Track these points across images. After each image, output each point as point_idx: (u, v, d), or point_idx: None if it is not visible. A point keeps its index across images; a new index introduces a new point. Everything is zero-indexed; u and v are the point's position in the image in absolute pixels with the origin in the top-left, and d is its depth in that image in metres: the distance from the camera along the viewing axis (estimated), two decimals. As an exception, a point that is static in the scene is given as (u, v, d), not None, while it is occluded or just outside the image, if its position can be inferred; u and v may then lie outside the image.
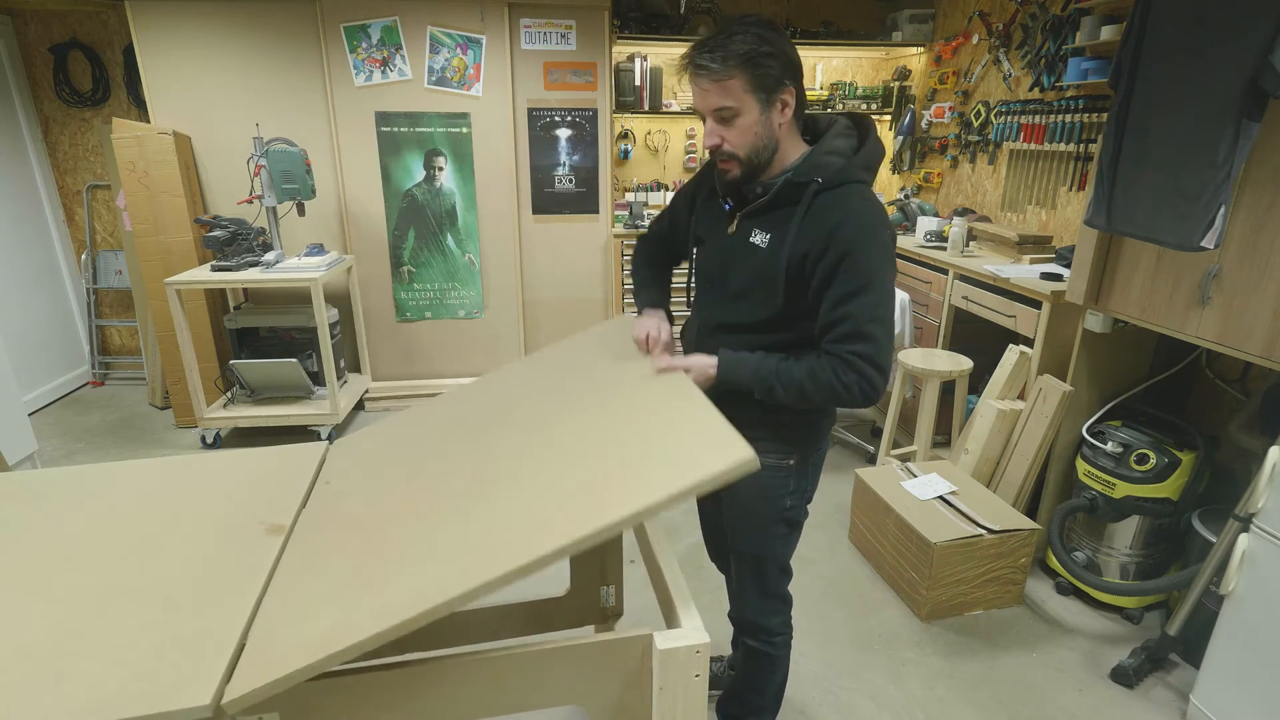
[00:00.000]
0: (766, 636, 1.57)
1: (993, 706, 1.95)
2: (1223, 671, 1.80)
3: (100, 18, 3.87)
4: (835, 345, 1.24)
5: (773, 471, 1.42)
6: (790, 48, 1.21)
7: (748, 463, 0.99)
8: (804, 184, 1.24)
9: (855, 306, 1.20)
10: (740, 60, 1.16)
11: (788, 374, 1.26)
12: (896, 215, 3.88)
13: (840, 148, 1.28)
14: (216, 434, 3.45)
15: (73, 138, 4.06)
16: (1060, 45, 3.12)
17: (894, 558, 2.42)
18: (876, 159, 1.30)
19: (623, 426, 1.22)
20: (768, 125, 1.23)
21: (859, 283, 1.20)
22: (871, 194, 1.27)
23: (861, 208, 1.23)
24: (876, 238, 1.22)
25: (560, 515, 1.02)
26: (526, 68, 3.74)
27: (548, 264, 4.09)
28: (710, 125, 1.24)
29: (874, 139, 1.31)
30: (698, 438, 1.10)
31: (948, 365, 2.76)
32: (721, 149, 1.25)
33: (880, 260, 1.22)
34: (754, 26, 1.18)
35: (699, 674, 1.05)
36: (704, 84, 1.20)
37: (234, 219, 3.39)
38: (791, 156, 1.29)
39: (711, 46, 1.17)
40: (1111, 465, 2.25)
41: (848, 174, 1.25)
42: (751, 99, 1.19)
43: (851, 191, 1.24)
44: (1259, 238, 1.80)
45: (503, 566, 0.94)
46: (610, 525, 0.97)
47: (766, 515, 1.47)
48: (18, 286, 3.84)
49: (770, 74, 1.18)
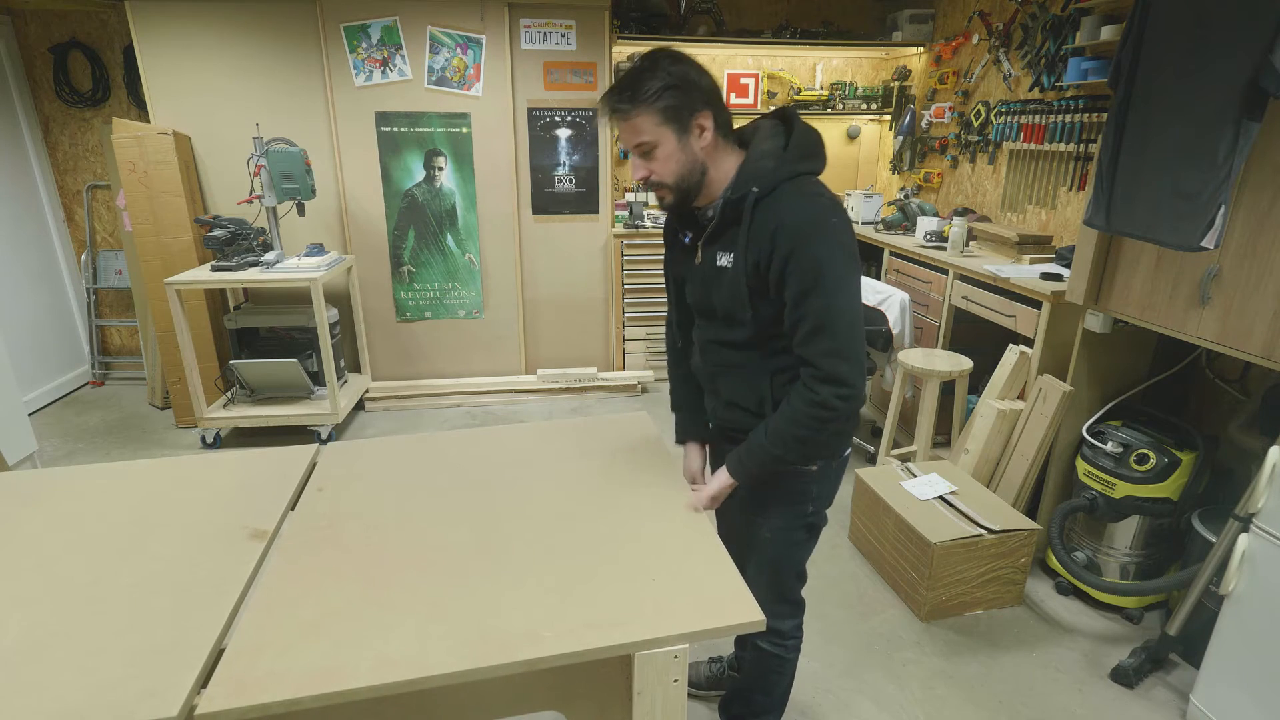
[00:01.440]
0: (779, 639, 1.58)
1: (993, 706, 1.95)
2: (1223, 671, 1.80)
3: (100, 18, 3.87)
4: (801, 348, 1.26)
5: (796, 478, 1.43)
6: (697, 73, 1.24)
7: (757, 625, 1.05)
8: (742, 197, 1.27)
9: (810, 304, 1.22)
10: (646, 98, 1.21)
11: (777, 434, 1.31)
12: (896, 215, 3.87)
13: (768, 150, 1.29)
14: (216, 434, 3.45)
15: (73, 138, 4.06)
16: (1060, 45, 3.12)
17: (894, 558, 2.42)
18: (811, 146, 1.30)
19: (638, 547, 1.23)
20: (688, 151, 1.26)
21: (810, 279, 1.21)
22: (812, 185, 1.27)
23: (798, 204, 1.23)
24: (819, 228, 1.21)
25: (573, 621, 1.03)
26: (526, 68, 3.74)
27: (548, 264, 4.09)
28: (635, 160, 1.29)
29: (801, 128, 1.31)
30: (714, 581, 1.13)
31: (948, 365, 2.76)
32: (650, 180, 1.29)
33: (827, 250, 1.21)
34: (659, 61, 1.22)
35: (677, 679, 1.06)
36: (619, 124, 1.26)
37: (234, 219, 3.39)
38: (729, 173, 1.31)
39: (619, 90, 1.23)
40: (1111, 465, 2.25)
41: (781, 173, 1.26)
42: (665, 130, 1.23)
43: (786, 190, 1.25)
44: (1259, 238, 1.80)
45: (517, 655, 0.97)
46: (616, 646, 1.00)
47: (789, 521, 1.48)
48: (18, 286, 3.84)
49: (677, 104, 1.22)
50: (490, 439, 1.68)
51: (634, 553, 1.20)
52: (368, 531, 1.28)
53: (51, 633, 1.03)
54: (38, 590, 1.13)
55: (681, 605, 1.07)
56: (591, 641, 0.99)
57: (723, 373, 1.44)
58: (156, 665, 0.96)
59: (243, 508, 1.36)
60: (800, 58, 4.59)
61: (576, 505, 1.36)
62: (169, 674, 0.94)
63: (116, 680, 0.93)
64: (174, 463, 1.58)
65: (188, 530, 1.29)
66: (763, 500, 1.47)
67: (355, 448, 1.65)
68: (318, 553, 1.21)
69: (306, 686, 0.91)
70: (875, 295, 3.07)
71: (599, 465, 1.52)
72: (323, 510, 1.35)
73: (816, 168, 1.30)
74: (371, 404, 3.95)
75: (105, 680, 0.93)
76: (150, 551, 1.23)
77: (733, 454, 1.40)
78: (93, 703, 0.90)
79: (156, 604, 1.09)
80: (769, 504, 1.47)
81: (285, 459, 1.57)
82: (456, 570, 1.16)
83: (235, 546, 1.23)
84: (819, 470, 1.43)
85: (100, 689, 0.92)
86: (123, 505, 1.38)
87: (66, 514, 1.35)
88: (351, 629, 1.02)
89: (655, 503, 1.37)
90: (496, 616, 1.04)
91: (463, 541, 1.24)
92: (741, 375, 1.39)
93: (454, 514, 1.33)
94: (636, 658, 1.02)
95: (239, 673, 0.94)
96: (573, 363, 4.26)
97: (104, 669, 0.95)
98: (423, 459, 1.57)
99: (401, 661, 0.95)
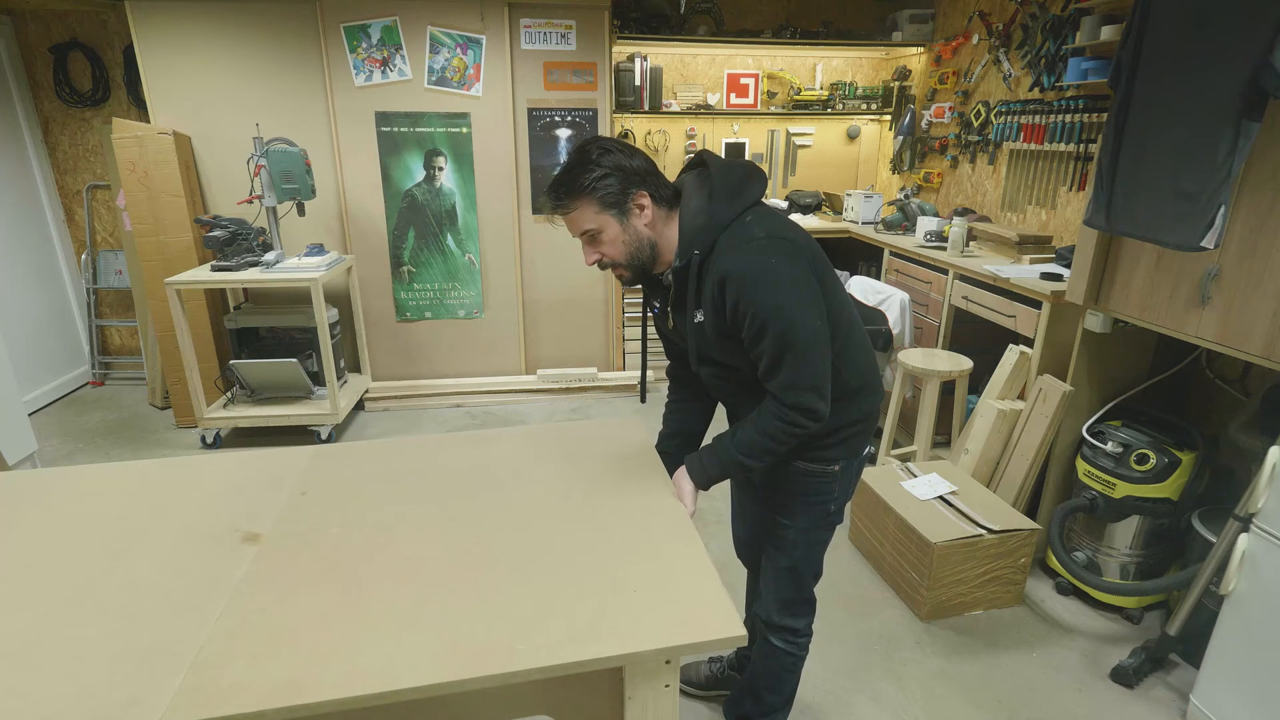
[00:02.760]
0: (794, 637, 1.60)
1: (993, 706, 1.95)
2: (1223, 671, 1.79)
3: (100, 18, 3.87)
4: (765, 382, 1.31)
5: (818, 479, 1.45)
6: (628, 157, 1.28)
7: (738, 640, 1.05)
8: (686, 265, 1.31)
9: (764, 346, 1.26)
10: (581, 191, 1.26)
11: (748, 444, 1.34)
12: (896, 215, 3.87)
13: (696, 208, 1.32)
14: (216, 434, 3.45)
15: (73, 138, 4.06)
16: (1060, 45, 3.12)
17: (894, 558, 2.42)
18: (735, 182, 1.31)
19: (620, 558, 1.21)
20: (631, 231, 1.31)
21: (758, 324, 1.24)
22: (745, 229, 1.28)
23: (734, 258, 1.25)
24: (760, 274, 1.23)
25: (550, 634, 1.02)
26: (526, 68, 3.74)
27: (548, 264, 4.09)
28: (585, 247, 1.33)
29: (718, 167, 1.33)
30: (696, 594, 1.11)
31: (948, 365, 2.76)
32: (603, 262, 1.34)
33: (770, 293, 1.23)
34: (589, 153, 1.27)
35: (669, 684, 1.05)
36: (565, 219, 1.31)
37: (234, 219, 3.39)
38: (675, 239, 1.35)
39: (555, 187, 1.29)
40: (1111, 465, 2.25)
41: (715, 225, 1.28)
42: (607, 216, 1.28)
43: (723, 244, 1.27)
44: (1259, 238, 1.80)
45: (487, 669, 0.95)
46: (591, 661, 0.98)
47: (813, 521, 1.50)
48: (18, 286, 3.84)
49: (612, 191, 1.26)
50: (479, 444, 1.65)
51: (616, 563, 1.18)
52: (348, 538, 1.26)
53: (38, 636, 1.02)
54: (30, 592, 1.12)
55: (661, 618, 1.04)
56: (566, 656, 0.97)
57: (739, 396, 1.47)
58: (138, 672, 0.95)
59: (237, 510, 1.36)
60: (800, 58, 4.59)
61: (561, 514, 1.34)
62: (149, 683, 0.93)
63: (100, 686, 0.92)
64: (172, 463, 1.58)
65: (181, 532, 1.28)
66: (787, 502, 1.49)
67: (343, 450, 1.63)
68: (296, 559, 1.19)
69: (272, 699, 0.89)
70: (875, 295, 3.07)
71: (587, 473, 1.50)
72: (304, 515, 1.33)
73: (750, 198, 1.31)
74: (371, 404, 3.95)
75: (86, 687, 0.92)
76: (143, 553, 1.22)
77: (693, 458, 1.44)
78: (74, 709, 0.89)
79: (146, 607, 1.08)
80: (794, 505, 1.49)
81: (284, 460, 1.56)
82: (435, 580, 1.14)
83: (227, 549, 1.23)
84: (841, 469, 1.46)
85: (80, 695, 0.91)
86: (120, 506, 1.38)
87: (64, 514, 1.35)
88: (323, 639, 1.00)
89: (641, 512, 1.35)
90: (472, 628, 1.02)
91: (443, 550, 1.22)
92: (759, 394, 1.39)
93: (436, 521, 1.32)
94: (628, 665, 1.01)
95: (206, 682, 0.92)
96: (572, 363, 4.26)
97: (88, 674, 0.94)
98: (409, 464, 1.55)
99: (371, 674, 0.93)
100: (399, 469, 1.53)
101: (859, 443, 1.47)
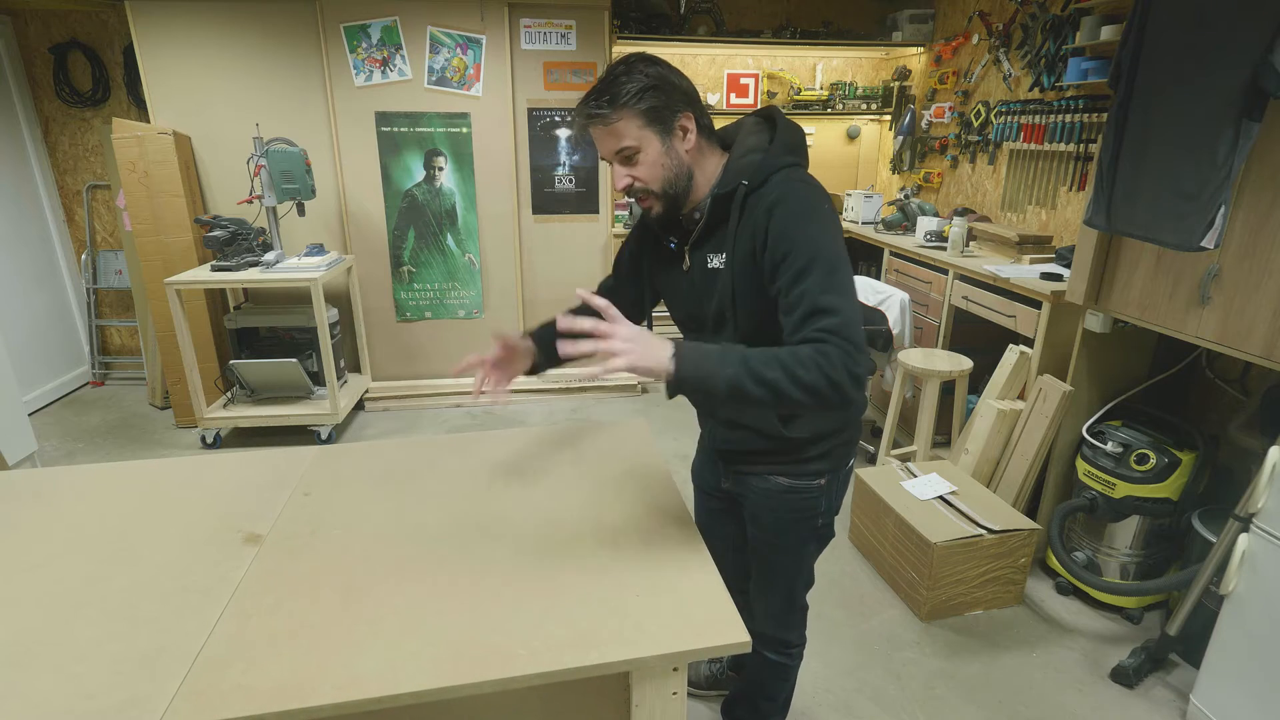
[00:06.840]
0: (785, 649, 1.57)
1: (993, 706, 1.95)
2: (1223, 671, 1.80)
3: (100, 18, 3.87)
4: (802, 328, 1.11)
5: (803, 495, 1.40)
6: (676, 76, 1.20)
7: (742, 646, 1.02)
8: (731, 192, 1.23)
9: (809, 283, 1.12)
10: (628, 99, 1.15)
11: (775, 358, 1.07)
12: (896, 215, 3.87)
13: (754, 144, 1.26)
14: (216, 434, 3.45)
15: (73, 138, 4.06)
16: (1060, 45, 3.12)
17: (894, 558, 2.42)
18: (796, 140, 1.26)
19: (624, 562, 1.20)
20: (674, 154, 1.21)
21: (806, 258, 1.12)
22: (803, 174, 1.23)
23: (792, 188, 1.19)
24: (815, 211, 1.17)
25: (552, 639, 1.01)
26: (526, 68, 3.74)
27: (548, 264, 4.09)
28: (617, 169, 1.22)
29: (784, 124, 1.27)
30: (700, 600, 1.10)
31: (948, 365, 2.76)
32: (634, 188, 1.22)
33: (822, 232, 1.15)
34: (635, 64, 1.18)
35: (676, 691, 1.04)
36: (599, 131, 1.19)
37: (234, 219, 3.38)
38: (713, 176, 1.27)
39: (597, 94, 1.17)
40: (1111, 465, 2.25)
41: (770, 165, 1.22)
42: (649, 133, 1.18)
43: (777, 179, 1.21)
44: (1259, 238, 1.80)
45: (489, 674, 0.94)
46: (593, 666, 0.97)
47: (800, 536, 1.45)
48: (18, 286, 3.84)
49: (660, 105, 1.17)
50: (481, 445, 1.65)
51: (619, 567, 1.17)
52: (350, 540, 1.25)
53: (39, 636, 1.02)
54: (30, 592, 1.12)
55: (664, 624, 1.03)
56: (568, 661, 0.96)
57: None
58: (139, 674, 0.94)
59: (239, 510, 1.35)
60: (800, 58, 4.59)
61: (564, 516, 1.33)
62: (150, 684, 0.92)
63: (97, 689, 0.92)
64: (173, 463, 1.57)
65: (182, 533, 1.28)
66: (772, 521, 1.44)
67: (346, 451, 1.63)
68: (297, 561, 1.19)
69: (273, 702, 0.89)
70: (875, 295, 3.07)
71: (590, 474, 1.49)
72: (306, 517, 1.33)
73: (804, 160, 1.27)
74: (371, 404, 3.95)
75: (86, 689, 0.92)
76: (144, 554, 1.22)
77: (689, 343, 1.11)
78: (74, 709, 0.89)
79: (145, 609, 1.07)
80: (779, 524, 1.44)
81: (285, 460, 1.55)
82: (436, 583, 1.13)
83: (228, 550, 1.22)
84: (826, 483, 1.40)
85: (80, 697, 0.91)
86: (120, 506, 1.38)
87: (63, 515, 1.35)
88: (324, 642, 1.00)
89: (645, 516, 1.33)
90: (473, 633, 1.02)
91: (444, 553, 1.22)
92: None
93: (438, 523, 1.31)
94: (634, 672, 1.00)
95: (206, 685, 0.92)
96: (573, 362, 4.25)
97: (87, 675, 0.94)
98: (412, 465, 1.54)
99: (373, 678, 0.93)
100: (402, 470, 1.52)
101: (843, 454, 1.42)
